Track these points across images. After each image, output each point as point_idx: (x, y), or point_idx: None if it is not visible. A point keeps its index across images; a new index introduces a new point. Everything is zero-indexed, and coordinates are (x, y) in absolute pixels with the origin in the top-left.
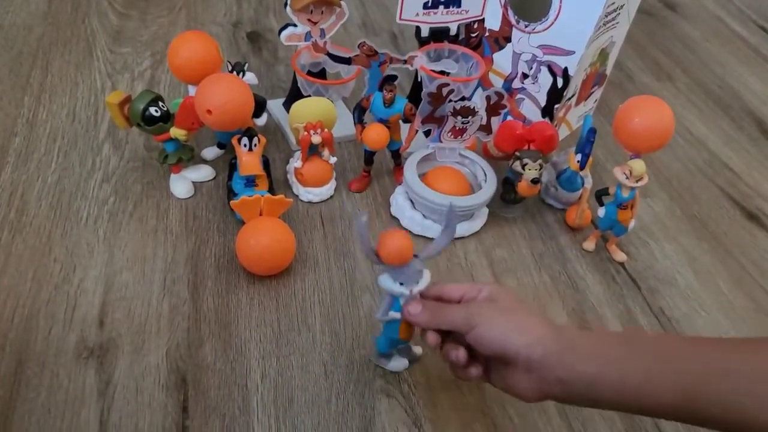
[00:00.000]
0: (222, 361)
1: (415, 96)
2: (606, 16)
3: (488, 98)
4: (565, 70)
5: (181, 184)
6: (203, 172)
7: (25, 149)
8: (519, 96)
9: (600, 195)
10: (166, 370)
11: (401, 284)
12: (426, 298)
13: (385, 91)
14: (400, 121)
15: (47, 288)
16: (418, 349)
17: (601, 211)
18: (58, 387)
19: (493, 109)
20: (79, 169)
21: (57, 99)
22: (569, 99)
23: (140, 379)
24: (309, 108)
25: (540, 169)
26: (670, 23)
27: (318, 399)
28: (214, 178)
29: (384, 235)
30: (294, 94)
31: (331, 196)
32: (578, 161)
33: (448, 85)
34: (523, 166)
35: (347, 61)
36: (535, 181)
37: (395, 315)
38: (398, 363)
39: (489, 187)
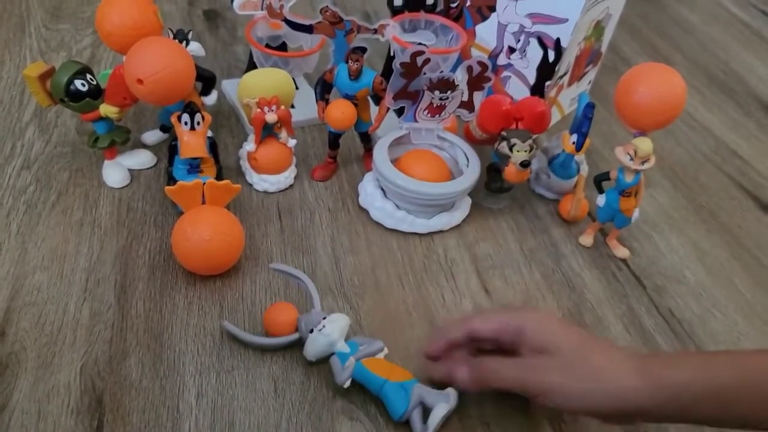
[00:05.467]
0: (149, 378)
1: (388, 74)
2: None
3: (470, 69)
4: (557, 41)
5: (116, 172)
6: (142, 159)
7: None
8: (505, 74)
9: (599, 180)
10: (78, 390)
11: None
12: (455, 335)
13: (350, 62)
14: (369, 98)
15: None
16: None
17: (601, 199)
18: None
19: (475, 83)
20: None
21: None
22: (561, 77)
23: (44, 402)
24: (262, 80)
25: (530, 151)
26: (666, 7)
27: (265, 423)
28: (155, 165)
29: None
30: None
31: (291, 186)
32: (574, 142)
33: (423, 53)
34: (511, 148)
35: (308, 29)
36: (525, 165)
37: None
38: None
39: (471, 172)
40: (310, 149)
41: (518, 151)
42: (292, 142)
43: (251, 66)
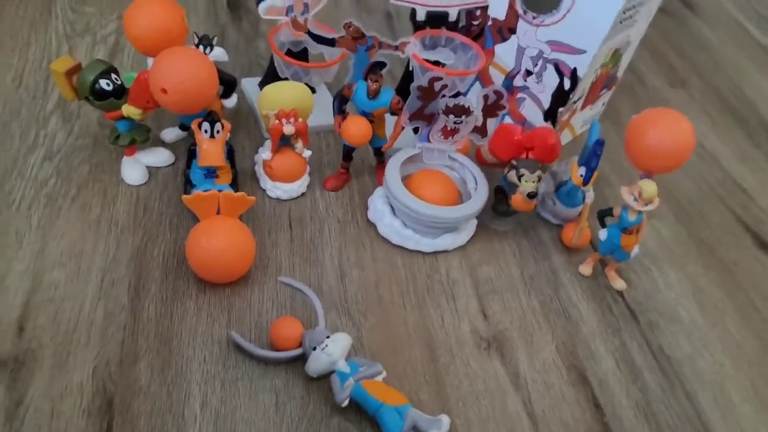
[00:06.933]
0: (158, 383)
1: (405, 86)
2: (624, 12)
3: (486, 97)
4: (574, 71)
5: (134, 169)
6: (160, 157)
7: None
8: (520, 95)
9: (603, 216)
10: (90, 391)
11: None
12: None
13: (370, 81)
14: (386, 115)
15: None
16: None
17: (603, 234)
18: None
19: (490, 110)
20: (19, 143)
21: (3, 59)
22: (575, 102)
23: (58, 401)
24: (282, 93)
25: (538, 182)
26: (687, 23)
27: None
28: (173, 163)
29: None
30: (271, 75)
31: (303, 194)
32: (582, 175)
33: (441, 79)
34: (519, 177)
35: (330, 42)
36: (532, 196)
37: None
38: None
39: (479, 197)
40: (324, 156)
41: (527, 182)
42: (307, 153)
43: (271, 68)
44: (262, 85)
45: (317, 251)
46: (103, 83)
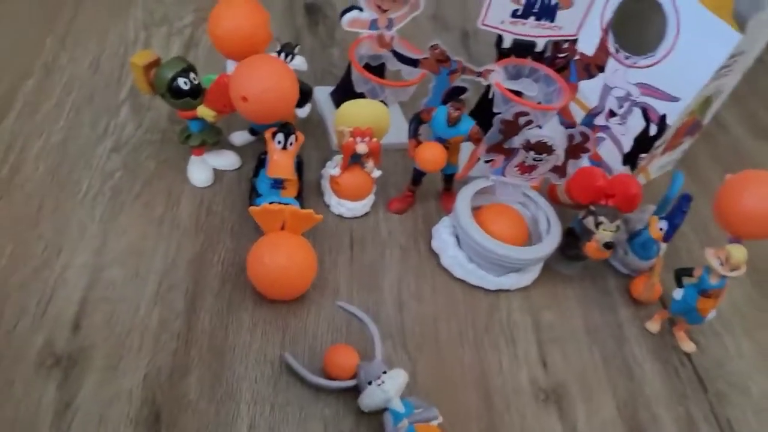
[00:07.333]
0: (207, 400)
1: (481, 113)
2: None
3: (571, 137)
4: (663, 117)
5: (201, 171)
6: (228, 160)
7: (36, 97)
8: (600, 134)
9: (681, 275)
10: (139, 400)
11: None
12: None
13: (451, 108)
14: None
15: (23, 270)
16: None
17: (678, 293)
18: (8, 399)
19: (574, 151)
20: (89, 131)
21: (82, 44)
22: (657, 148)
23: (107, 407)
24: (360, 111)
25: (616, 232)
26: None
27: None
28: (239, 168)
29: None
30: (345, 87)
31: (366, 213)
32: (662, 229)
33: (527, 114)
34: (597, 225)
35: (414, 63)
36: (609, 246)
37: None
38: None
39: (550, 241)
40: (390, 176)
41: (605, 230)
42: (376, 173)
43: (347, 79)
44: (333, 95)
45: (377, 276)
46: (181, 82)
